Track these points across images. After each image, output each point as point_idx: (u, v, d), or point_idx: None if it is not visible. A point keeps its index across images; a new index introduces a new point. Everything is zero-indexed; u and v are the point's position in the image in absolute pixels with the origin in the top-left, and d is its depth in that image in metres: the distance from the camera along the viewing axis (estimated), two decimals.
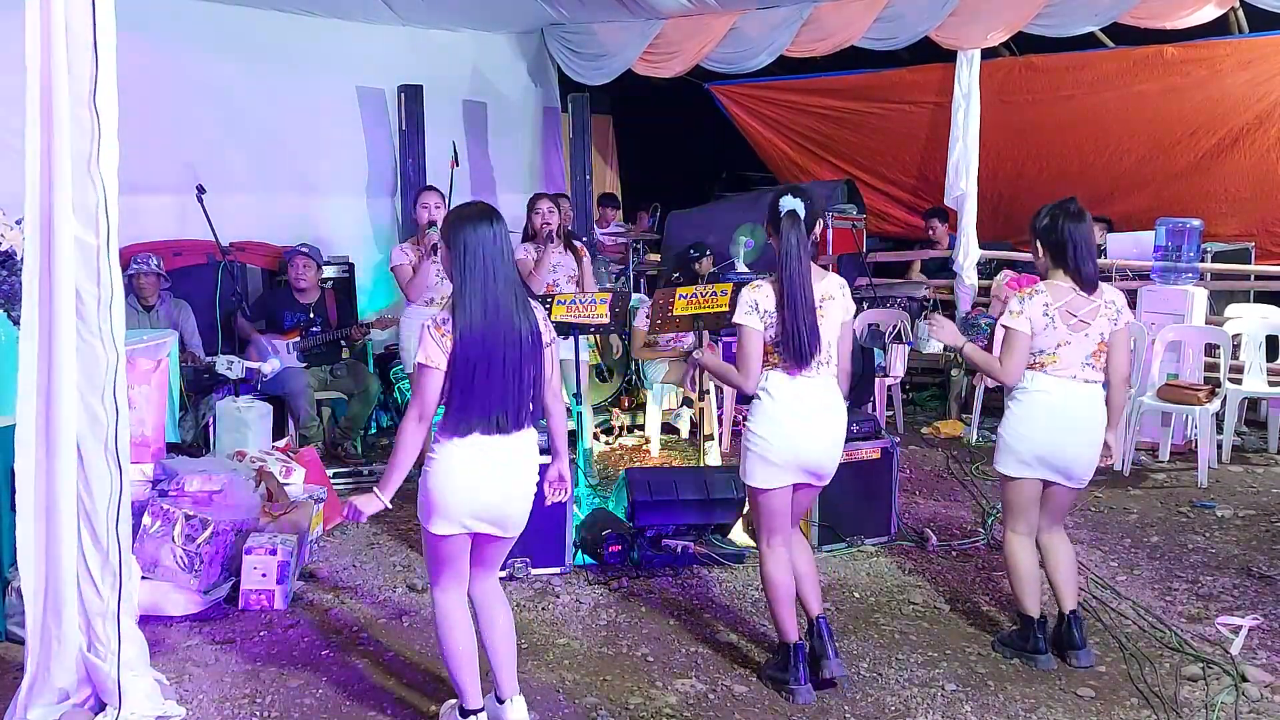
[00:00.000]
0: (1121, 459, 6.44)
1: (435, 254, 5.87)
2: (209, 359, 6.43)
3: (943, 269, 9.07)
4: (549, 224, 6.14)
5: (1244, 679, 3.77)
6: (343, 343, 6.86)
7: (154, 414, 5.30)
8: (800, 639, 3.73)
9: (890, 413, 7.55)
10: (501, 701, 3.39)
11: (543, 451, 3.35)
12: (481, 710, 3.32)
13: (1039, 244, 3.90)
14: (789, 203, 3.62)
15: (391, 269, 6.23)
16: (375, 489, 3.17)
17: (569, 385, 6.03)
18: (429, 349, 3.08)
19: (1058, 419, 3.85)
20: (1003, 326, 3.84)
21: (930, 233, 9.28)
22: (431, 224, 5.93)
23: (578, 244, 6.40)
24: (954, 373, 7.82)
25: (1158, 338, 6.63)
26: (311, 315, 6.78)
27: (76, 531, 3.20)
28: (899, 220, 10.51)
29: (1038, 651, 3.92)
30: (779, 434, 3.62)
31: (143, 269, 6.49)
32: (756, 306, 3.61)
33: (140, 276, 6.46)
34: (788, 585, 3.71)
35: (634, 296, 7.42)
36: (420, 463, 3.23)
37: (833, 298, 3.71)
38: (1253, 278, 8.09)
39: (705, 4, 8.56)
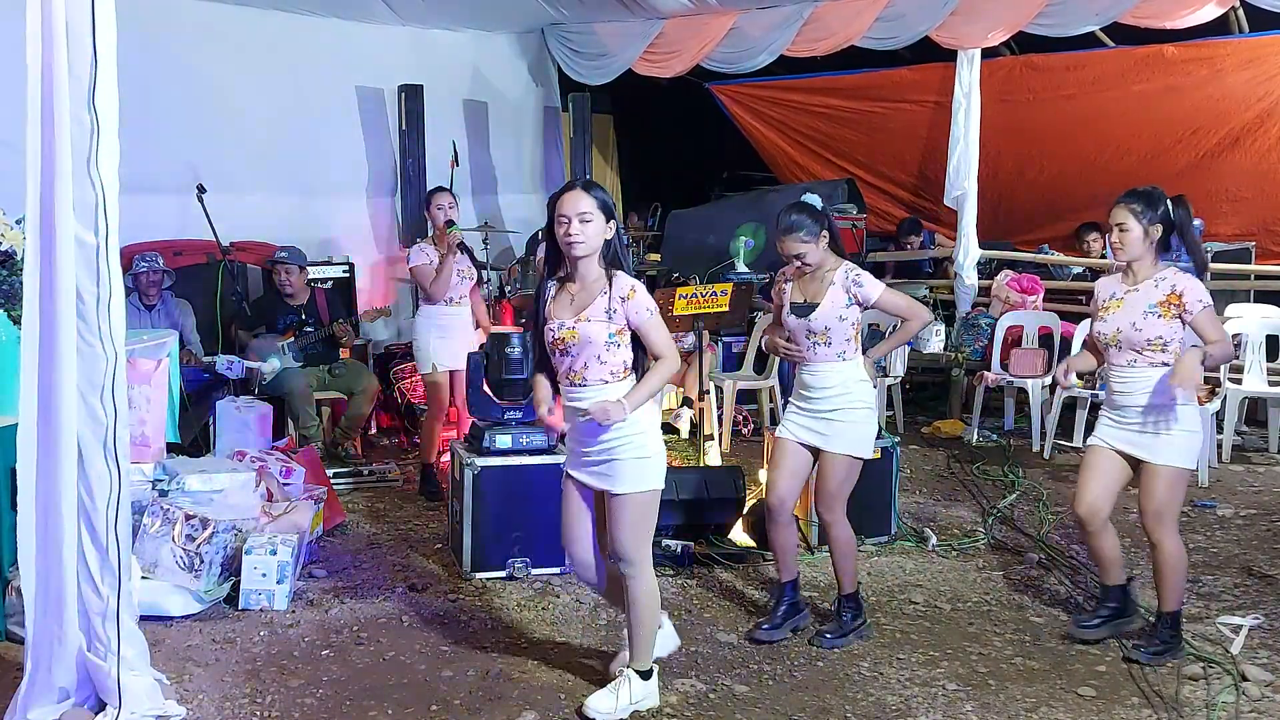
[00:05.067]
0: None
1: (458, 253, 5.86)
2: (209, 359, 6.45)
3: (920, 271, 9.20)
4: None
5: (1244, 678, 3.76)
6: (338, 340, 6.83)
7: (154, 414, 5.29)
8: None
9: (890, 413, 7.55)
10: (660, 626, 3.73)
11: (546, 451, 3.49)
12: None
13: (1157, 224, 3.86)
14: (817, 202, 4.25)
15: (411, 269, 6.08)
16: (623, 401, 3.37)
17: None
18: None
19: None
20: (1210, 306, 3.82)
21: (908, 246, 9.44)
22: (450, 224, 5.88)
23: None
24: (954, 373, 7.82)
25: None
26: (304, 316, 6.78)
27: (76, 531, 3.20)
28: (900, 220, 10.50)
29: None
30: None
31: (152, 266, 6.53)
32: None
33: (148, 273, 6.50)
34: None
35: None
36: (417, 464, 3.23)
37: None
38: (1253, 278, 8.08)
39: (705, 4, 8.56)
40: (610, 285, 3.41)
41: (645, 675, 3.55)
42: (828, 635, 4.11)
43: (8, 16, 3.42)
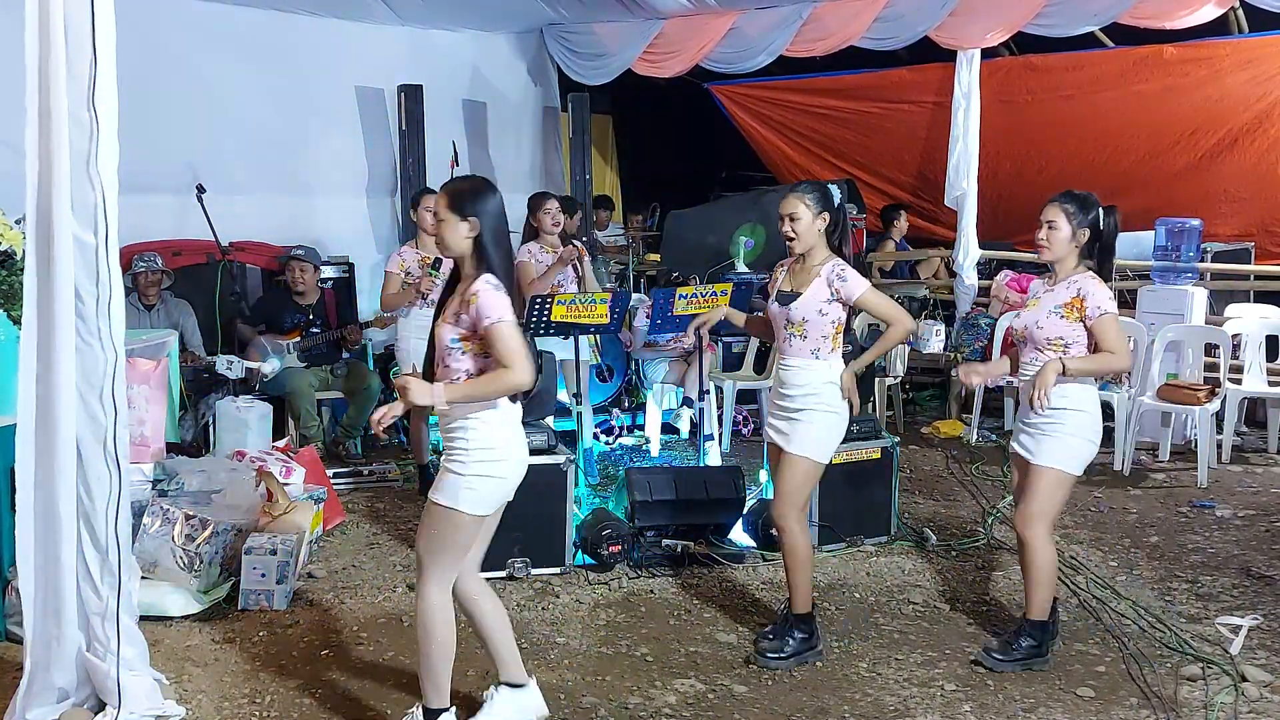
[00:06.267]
0: (1122, 459, 6.45)
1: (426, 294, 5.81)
2: (209, 359, 6.44)
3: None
4: (557, 224, 6.15)
5: (1243, 679, 3.77)
6: (348, 344, 6.84)
7: (154, 414, 5.30)
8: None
9: (890, 413, 7.55)
10: (522, 685, 3.41)
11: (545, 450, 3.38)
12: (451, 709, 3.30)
13: (1085, 229, 3.84)
14: (835, 194, 4.04)
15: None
16: (436, 387, 3.04)
17: (569, 385, 6.04)
18: (507, 306, 3.05)
19: None
20: (1110, 314, 3.77)
21: (894, 227, 9.49)
22: (436, 264, 5.77)
23: (577, 244, 6.37)
24: (954, 373, 7.82)
25: (1157, 338, 6.63)
26: (311, 316, 6.78)
27: (76, 531, 3.21)
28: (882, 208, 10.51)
29: (1047, 654, 3.91)
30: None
31: (150, 266, 6.54)
32: None
33: (147, 273, 6.51)
34: None
35: (634, 296, 7.42)
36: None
37: None
38: (1253, 278, 8.09)
39: (705, 4, 8.56)
40: (470, 287, 3.11)
41: (433, 715, 3.23)
42: (769, 655, 3.90)
43: (7, 16, 3.42)
